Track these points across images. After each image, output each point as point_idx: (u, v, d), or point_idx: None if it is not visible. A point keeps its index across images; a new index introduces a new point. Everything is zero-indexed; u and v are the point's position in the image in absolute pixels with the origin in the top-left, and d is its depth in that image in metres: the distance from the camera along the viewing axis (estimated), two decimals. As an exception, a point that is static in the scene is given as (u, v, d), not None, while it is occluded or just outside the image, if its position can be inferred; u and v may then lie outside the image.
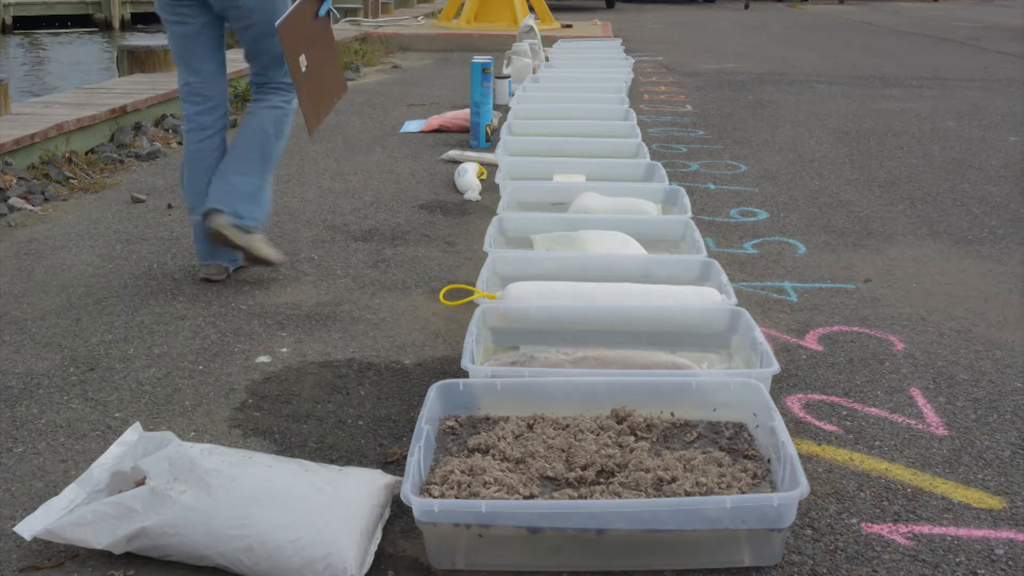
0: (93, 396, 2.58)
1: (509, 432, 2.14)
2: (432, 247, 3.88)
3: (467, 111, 6.22)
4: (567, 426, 2.19)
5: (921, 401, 2.60)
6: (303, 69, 3.17)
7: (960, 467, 2.26)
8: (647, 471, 1.98)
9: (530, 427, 2.19)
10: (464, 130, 6.21)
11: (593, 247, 3.21)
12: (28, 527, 1.86)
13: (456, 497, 1.89)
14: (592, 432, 2.15)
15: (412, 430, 2.07)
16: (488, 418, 2.24)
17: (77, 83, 9.33)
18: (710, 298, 2.76)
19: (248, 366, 2.78)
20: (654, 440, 2.15)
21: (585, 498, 1.90)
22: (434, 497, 1.89)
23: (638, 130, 5.14)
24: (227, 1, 3.19)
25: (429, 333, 3.02)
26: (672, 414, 2.24)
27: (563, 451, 2.09)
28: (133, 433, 2.14)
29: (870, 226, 4.23)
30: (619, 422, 2.19)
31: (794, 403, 2.57)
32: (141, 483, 1.88)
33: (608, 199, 3.76)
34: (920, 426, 2.46)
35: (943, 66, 9.87)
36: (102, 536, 1.82)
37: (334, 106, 3.52)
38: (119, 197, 4.63)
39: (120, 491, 1.91)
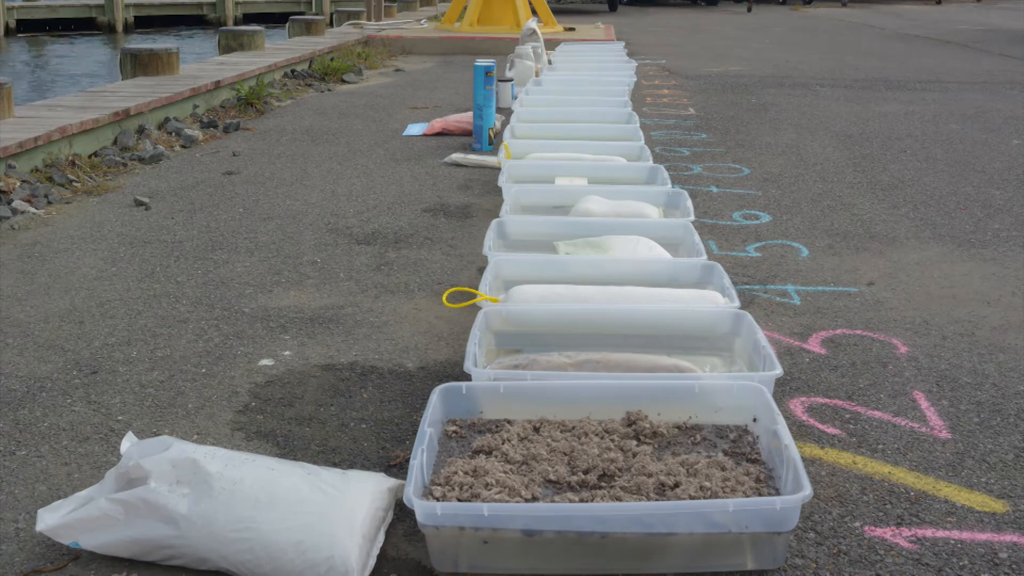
0: (96, 399, 2.58)
1: (514, 435, 2.14)
2: (435, 250, 3.88)
3: (470, 114, 6.22)
4: (573, 428, 2.19)
5: (924, 404, 2.59)
6: None
7: (963, 471, 2.26)
8: (649, 475, 1.98)
9: (536, 430, 2.19)
10: (467, 133, 6.22)
11: (617, 253, 3.20)
12: (42, 521, 1.86)
13: (458, 498, 1.89)
14: (597, 435, 2.15)
15: (415, 433, 2.07)
16: (492, 421, 2.24)
17: (80, 86, 9.34)
18: (713, 301, 2.76)
19: (251, 369, 2.78)
20: (656, 445, 2.15)
21: (586, 502, 1.90)
22: (436, 498, 1.90)
23: (641, 133, 5.14)
24: None
25: (432, 336, 3.02)
26: (677, 417, 2.24)
27: (566, 454, 2.09)
28: (126, 443, 2.12)
29: (873, 229, 4.23)
30: (629, 425, 2.19)
31: (797, 406, 2.57)
32: (143, 485, 1.88)
33: (609, 202, 3.75)
34: (923, 429, 2.46)
35: (946, 69, 9.86)
36: (104, 537, 1.82)
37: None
38: (122, 200, 4.64)
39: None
